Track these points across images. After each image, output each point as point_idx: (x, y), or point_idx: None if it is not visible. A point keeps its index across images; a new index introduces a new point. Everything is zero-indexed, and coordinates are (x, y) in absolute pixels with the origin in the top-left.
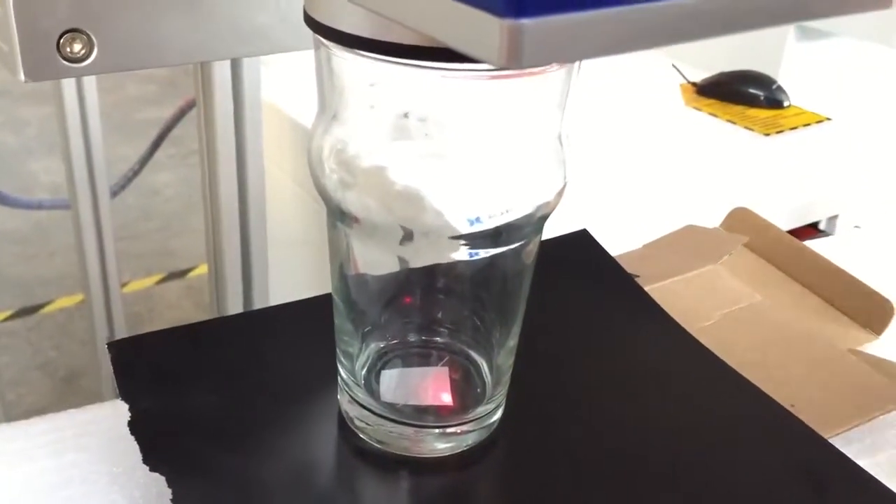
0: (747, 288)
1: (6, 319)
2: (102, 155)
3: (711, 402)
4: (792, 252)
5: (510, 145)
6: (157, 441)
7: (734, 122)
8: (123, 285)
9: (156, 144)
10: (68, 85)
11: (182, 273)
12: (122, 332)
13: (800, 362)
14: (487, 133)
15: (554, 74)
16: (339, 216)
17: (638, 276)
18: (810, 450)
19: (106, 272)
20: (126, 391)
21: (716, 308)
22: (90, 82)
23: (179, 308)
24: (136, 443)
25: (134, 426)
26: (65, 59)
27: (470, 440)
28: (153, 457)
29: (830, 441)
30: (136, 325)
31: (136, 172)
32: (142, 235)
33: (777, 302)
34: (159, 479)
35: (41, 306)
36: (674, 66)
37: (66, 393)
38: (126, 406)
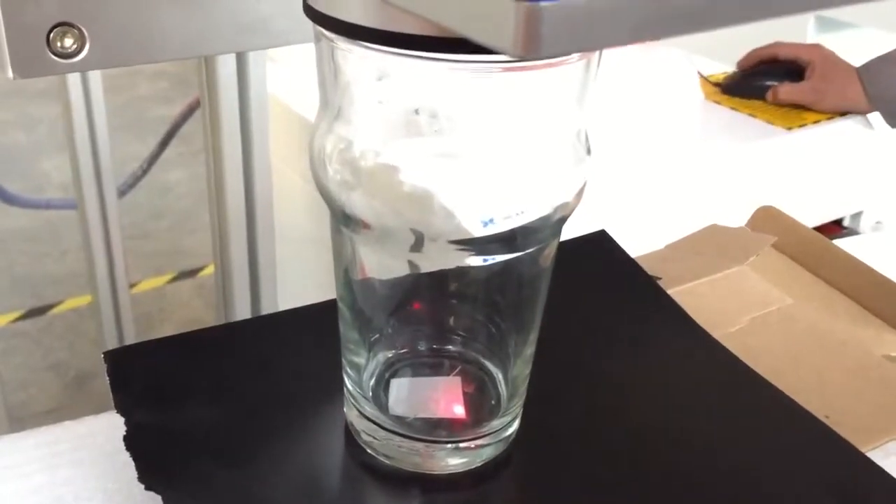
0: (776, 290)
1: (17, 320)
2: (109, 154)
3: (740, 412)
4: (822, 252)
5: (526, 143)
6: (153, 457)
7: (755, 116)
8: (134, 285)
9: (164, 143)
10: (74, 83)
11: (193, 272)
12: (130, 333)
13: (833, 370)
14: (502, 130)
15: (573, 66)
16: (343, 219)
17: (660, 279)
18: (847, 464)
19: (114, 272)
20: (122, 403)
21: (743, 312)
22: (96, 80)
23: (191, 308)
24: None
25: (129, 441)
26: (55, 54)
27: (484, 455)
28: (149, 474)
29: (868, 455)
30: (146, 326)
31: (144, 171)
32: (153, 234)
33: (808, 305)
34: (157, 499)
35: (52, 306)
36: (692, 60)
37: (77, 395)
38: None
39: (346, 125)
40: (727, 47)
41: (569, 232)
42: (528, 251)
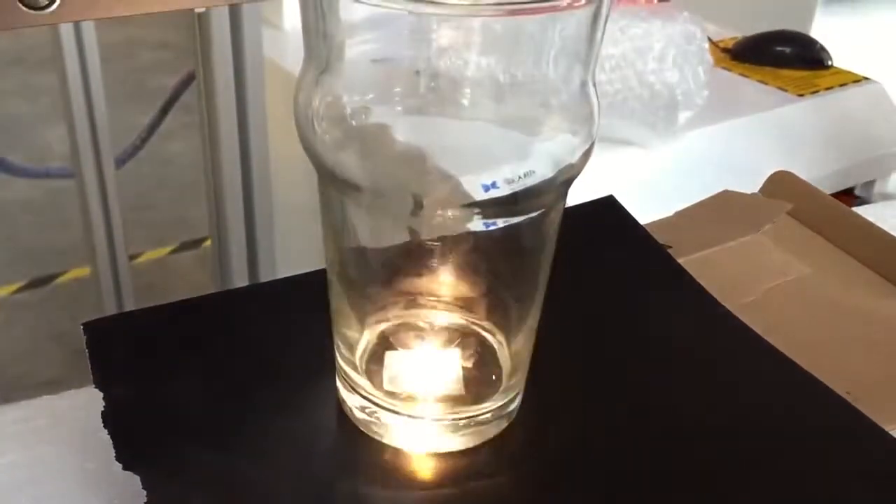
0: (793, 260)
1: (18, 290)
2: (107, 124)
3: (756, 388)
4: (841, 220)
5: (529, 99)
6: (133, 435)
7: (765, 83)
8: (137, 256)
9: (163, 112)
10: (70, 51)
11: (196, 243)
12: (131, 305)
13: (855, 344)
14: (504, 85)
15: (579, 13)
16: (332, 181)
17: (670, 247)
18: (870, 444)
19: (113, 243)
20: (101, 377)
21: (759, 282)
22: (92, 48)
23: (193, 279)
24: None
25: (107, 417)
26: (26, 6)
27: (484, 433)
28: (128, 453)
29: (893, 433)
30: (149, 297)
31: (143, 140)
32: (156, 205)
33: (827, 276)
34: (137, 479)
35: (55, 276)
36: (702, 26)
37: (80, 365)
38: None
39: (335, 78)
40: (737, 15)
41: (575, 198)
42: (531, 215)
